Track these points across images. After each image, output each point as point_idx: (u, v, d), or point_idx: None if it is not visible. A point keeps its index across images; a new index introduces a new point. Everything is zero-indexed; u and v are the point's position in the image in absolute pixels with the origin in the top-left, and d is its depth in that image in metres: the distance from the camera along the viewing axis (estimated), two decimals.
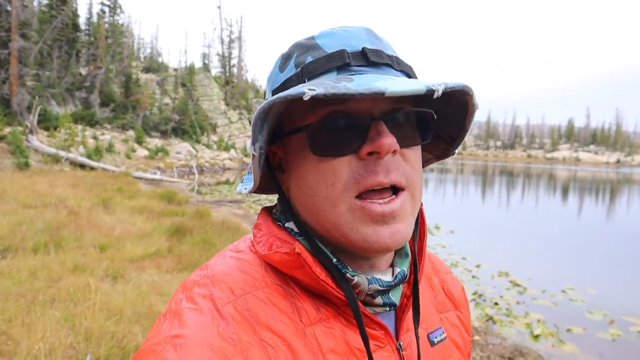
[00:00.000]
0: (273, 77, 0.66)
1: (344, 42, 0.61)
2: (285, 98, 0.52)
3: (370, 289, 0.62)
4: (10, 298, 4.57)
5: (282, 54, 0.66)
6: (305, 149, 0.60)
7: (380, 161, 0.58)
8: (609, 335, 5.66)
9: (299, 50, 0.63)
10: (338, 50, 0.60)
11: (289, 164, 0.65)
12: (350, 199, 0.58)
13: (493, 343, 5.16)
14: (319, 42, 0.62)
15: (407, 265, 0.69)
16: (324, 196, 0.59)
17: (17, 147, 19.22)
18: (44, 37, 30.45)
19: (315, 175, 0.60)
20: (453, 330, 0.78)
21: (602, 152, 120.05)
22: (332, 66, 0.59)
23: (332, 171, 0.58)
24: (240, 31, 58.92)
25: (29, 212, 8.93)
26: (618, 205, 24.01)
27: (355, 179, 0.58)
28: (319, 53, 0.61)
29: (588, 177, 50.08)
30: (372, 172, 0.57)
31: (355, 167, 0.58)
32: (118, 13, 42.26)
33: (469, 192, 28.26)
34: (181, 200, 13.62)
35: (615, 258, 10.55)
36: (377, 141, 0.56)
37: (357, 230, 0.58)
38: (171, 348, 0.52)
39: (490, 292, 7.15)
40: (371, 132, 0.58)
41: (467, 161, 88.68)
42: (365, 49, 0.60)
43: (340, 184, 0.58)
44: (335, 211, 0.59)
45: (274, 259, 0.62)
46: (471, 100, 0.62)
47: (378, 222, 0.58)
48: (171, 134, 40.35)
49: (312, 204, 0.61)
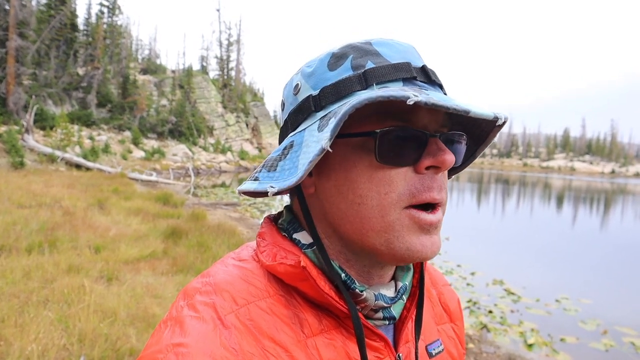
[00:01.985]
0: (319, 73, 0.63)
1: (403, 55, 0.61)
2: (387, 98, 0.51)
3: (376, 305, 0.63)
4: (3, 298, 4.53)
5: (332, 52, 0.63)
6: (360, 155, 0.59)
7: (436, 177, 0.59)
8: (602, 346, 5.68)
9: (355, 52, 0.61)
10: (404, 62, 0.60)
11: (327, 167, 0.62)
12: (400, 210, 0.58)
13: (487, 351, 5.17)
14: (379, 49, 0.61)
15: (409, 279, 0.69)
16: (374, 204, 0.58)
17: (12, 146, 19.12)
18: (41, 37, 30.40)
19: (367, 184, 0.58)
20: (449, 342, 0.78)
21: (597, 162, 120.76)
22: (399, 76, 0.59)
23: (388, 181, 0.58)
24: (239, 34, 59.21)
25: (24, 212, 8.87)
26: (612, 215, 24.13)
27: (410, 192, 0.58)
28: (381, 61, 0.60)
29: (583, 186, 50.32)
30: (429, 187, 0.58)
31: (411, 180, 0.58)
32: (117, 14, 42.27)
33: (465, 199, 28.32)
34: (177, 203, 13.58)
35: (609, 268, 10.60)
36: (439, 156, 0.58)
37: (403, 238, 0.58)
38: (173, 357, 0.52)
39: (484, 300, 7.16)
40: (431, 146, 0.58)
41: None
42: (426, 67, 0.62)
43: (395, 194, 0.58)
44: (384, 220, 0.58)
45: (277, 270, 0.61)
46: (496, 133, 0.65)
47: (423, 232, 0.59)
48: (168, 136, 40.27)
49: (356, 211, 0.59)
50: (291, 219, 0.68)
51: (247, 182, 0.65)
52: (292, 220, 0.67)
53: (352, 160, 0.59)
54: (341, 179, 0.60)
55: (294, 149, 0.60)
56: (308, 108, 0.61)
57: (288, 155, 0.61)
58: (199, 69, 57.90)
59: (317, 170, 0.63)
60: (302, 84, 0.64)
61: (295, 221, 0.67)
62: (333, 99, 0.59)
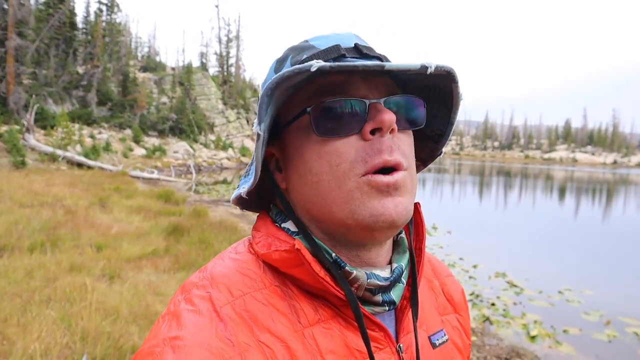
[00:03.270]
0: (268, 79, 0.67)
1: (337, 41, 0.64)
2: (293, 72, 0.54)
3: (370, 283, 0.62)
4: (6, 297, 4.55)
5: (276, 59, 0.68)
6: (306, 134, 0.62)
7: (383, 139, 0.60)
8: (605, 337, 5.68)
9: (293, 52, 0.66)
10: (333, 45, 0.63)
11: (287, 160, 0.66)
12: (357, 177, 0.59)
13: (490, 344, 5.17)
14: (313, 43, 0.65)
15: (405, 261, 0.68)
16: (329, 178, 0.60)
17: (13, 145, 19.14)
18: (41, 36, 30.37)
19: (318, 160, 0.61)
20: (454, 333, 0.78)
21: (599, 153, 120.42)
22: (328, 57, 0.61)
23: (337, 153, 0.60)
24: (238, 30, 59.08)
25: (26, 211, 8.89)
26: (615, 206, 24.10)
27: (362, 158, 0.59)
28: (315, 51, 0.63)
29: (585, 177, 50.24)
30: (378, 150, 0.59)
31: (360, 148, 0.60)
32: (115, 12, 42.25)
33: (467, 192, 28.30)
34: (178, 200, 13.60)
35: (612, 259, 10.59)
36: (378, 117, 0.59)
37: (364, 205, 0.59)
38: (169, 350, 0.52)
39: (487, 293, 7.16)
40: (371, 111, 0.60)
41: (464, 161, 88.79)
42: (357, 44, 0.64)
43: (346, 164, 0.60)
44: (342, 190, 0.60)
45: (273, 258, 0.62)
46: (456, 88, 0.65)
47: (383, 193, 0.59)
48: (169, 133, 40.27)
49: (316, 189, 0.61)
50: (278, 211, 0.69)
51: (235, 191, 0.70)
52: (279, 213, 0.69)
53: (302, 144, 0.63)
54: (299, 165, 0.63)
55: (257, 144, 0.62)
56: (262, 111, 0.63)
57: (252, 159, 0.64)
58: (198, 66, 57.80)
59: (284, 165, 0.67)
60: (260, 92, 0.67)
61: (281, 213, 0.69)
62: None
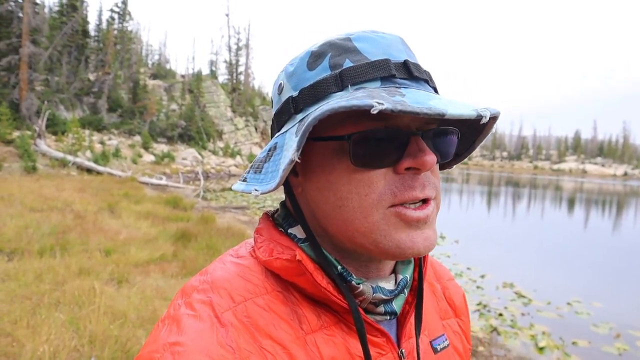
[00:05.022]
0: (299, 73, 0.62)
1: (384, 50, 0.59)
2: (350, 108, 0.50)
3: (375, 297, 0.61)
4: (15, 300, 4.59)
5: (310, 50, 0.62)
6: (338, 157, 0.58)
7: (418, 177, 0.58)
8: (615, 349, 5.60)
9: (333, 50, 0.60)
10: (382, 60, 0.58)
11: (309, 169, 0.62)
12: (384, 209, 0.57)
13: (497, 354, 5.12)
14: (358, 45, 0.59)
15: (410, 272, 0.68)
16: (355, 206, 0.57)
17: (25, 151, 19.38)
18: (54, 43, 30.82)
19: (346, 186, 0.58)
20: (455, 338, 0.77)
21: (609, 165, 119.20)
22: (376, 75, 0.57)
23: (368, 183, 0.57)
24: (247, 39, 59.44)
25: (36, 216, 8.99)
26: (625, 218, 23.82)
27: (392, 192, 0.57)
28: (359, 58, 0.58)
29: (595, 189, 49.76)
30: (410, 187, 0.57)
31: (391, 181, 0.57)
32: (127, 20, 42.76)
33: (475, 202, 28.14)
34: (186, 206, 13.66)
35: (622, 271, 10.46)
36: (419, 158, 0.56)
37: (390, 236, 0.57)
38: (169, 356, 0.51)
39: (494, 303, 7.10)
40: (411, 147, 0.57)
41: (472, 171, 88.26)
42: (408, 62, 0.59)
43: (375, 195, 0.57)
44: (368, 220, 0.57)
45: (274, 265, 0.61)
46: (492, 124, 0.64)
47: (412, 228, 0.57)
48: (177, 140, 40.54)
49: (339, 214, 0.59)
50: (286, 214, 0.67)
51: (238, 183, 0.65)
52: (286, 216, 0.67)
53: (331, 163, 0.59)
54: (322, 181, 0.60)
55: (277, 151, 0.60)
56: (288, 110, 0.61)
57: (272, 158, 0.60)
58: (208, 74, 58.27)
59: (302, 171, 0.63)
60: (285, 83, 0.64)
61: (289, 216, 0.66)
62: (310, 101, 0.59)
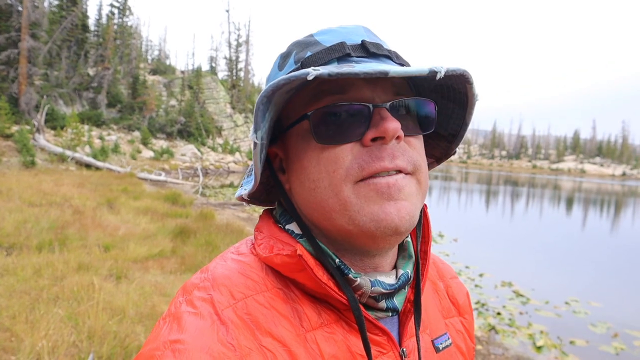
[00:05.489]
0: (272, 76, 0.66)
1: (343, 37, 0.61)
2: (289, 80, 0.52)
3: (374, 291, 0.61)
4: (14, 295, 4.59)
5: (280, 54, 0.66)
6: (306, 140, 0.60)
7: (385, 146, 0.57)
8: (613, 349, 5.62)
9: (297, 47, 0.63)
10: (338, 43, 0.60)
11: (289, 162, 0.64)
12: (352, 184, 0.57)
13: (495, 353, 5.13)
14: (318, 38, 0.62)
15: (411, 267, 0.67)
16: (326, 185, 0.58)
17: (24, 145, 19.33)
18: (53, 38, 30.70)
19: (316, 166, 0.59)
20: (457, 337, 0.76)
21: (608, 165, 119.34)
22: (332, 57, 0.59)
23: (334, 159, 0.57)
24: (247, 35, 59.20)
25: (34, 211, 8.97)
26: (623, 217, 23.87)
27: (359, 164, 0.57)
28: (319, 48, 0.61)
29: (593, 188, 49.82)
30: (377, 157, 0.57)
31: (358, 154, 0.57)
32: (127, 15, 42.57)
33: (473, 200, 28.16)
34: (185, 202, 13.65)
35: (620, 271, 10.49)
36: (381, 126, 0.56)
37: (363, 210, 0.56)
38: (170, 354, 0.51)
39: (493, 302, 7.12)
40: (375, 118, 0.57)
41: (471, 170, 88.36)
42: (365, 41, 0.61)
43: (342, 170, 0.57)
44: (339, 197, 0.57)
45: (275, 262, 0.61)
46: (471, 89, 0.62)
47: (384, 197, 0.56)
48: (177, 136, 40.48)
49: (314, 196, 0.60)
50: (282, 211, 0.68)
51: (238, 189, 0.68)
52: (283, 213, 0.67)
53: (302, 148, 0.61)
54: (299, 169, 0.62)
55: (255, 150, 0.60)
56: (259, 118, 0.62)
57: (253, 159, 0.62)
58: (208, 70, 58.17)
59: (287, 167, 0.65)
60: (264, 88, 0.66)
61: (285, 213, 0.67)
62: None
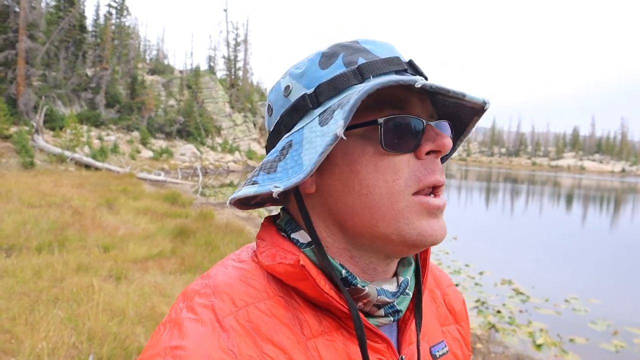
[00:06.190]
0: (310, 72, 0.63)
1: (389, 51, 0.64)
2: (397, 82, 0.54)
3: (379, 300, 0.62)
4: (14, 297, 4.59)
5: (320, 52, 0.65)
6: (362, 145, 0.60)
7: (437, 161, 0.62)
8: (613, 347, 5.63)
9: (345, 50, 0.63)
10: (394, 57, 0.63)
11: (330, 164, 0.61)
12: (409, 196, 0.60)
13: (495, 351, 5.14)
14: (367, 47, 0.64)
15: (411, 273, 0.68)
16: (382, 193, 0.59)
17: (22, 146, 19.31)
18: (51, 38, 30.67)
19: (373, 173, 0.59)
20: (454, 344, 0.77)
21: (607, 161, 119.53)
22: (391, 69, 0.61)
23: (394, 169, 0.59)
24: (246, 34, 59.13)
25: (34, 212, 8.95)
26: (623, 214, 23.89)
27: (416, 177, 0.60)
28: (371, 57, 0.62)
29: (593, 185, 49.87)
30: (432, 171, 0.61)
31: (414, 166, 0.60)
32: (125, 15, 42.50)
33: (473, 198, 28.18)
34: (185, 202, 13.64)
35: (620, 268, 10.50)
36: (438, 140, 0.60)
37: (414, 224, 0.59)
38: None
39: (492, 300, 7.12)
40: (429, 133, 0.61)
41: (471, 167, 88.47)
42: (412, 61, 0.64)
43: (402, 180, 0.59)
44: (394, 207, 0.59)
45: (277, 270, 0.61)
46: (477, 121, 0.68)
47: (432, 216, 0.60)
48: (176, 136, 40.45)
49: (364, 202, 0.60)
50: (288, 219, 0.67)
51: (245, 187, 0.63)
52: (289, 221, 0.67)
53: (355, 153, 0.60)
54: (346, 173, 0.61)
55: (294, 147, 0.60)
56: (304, 106, 0.62)
57: (288, 155, 0.60)
58: (206, 69, 58.04)
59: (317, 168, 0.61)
60: (293, 84, 0.64)
61: (292, 221, 0.66)
62: (330, 94, 0.60)
